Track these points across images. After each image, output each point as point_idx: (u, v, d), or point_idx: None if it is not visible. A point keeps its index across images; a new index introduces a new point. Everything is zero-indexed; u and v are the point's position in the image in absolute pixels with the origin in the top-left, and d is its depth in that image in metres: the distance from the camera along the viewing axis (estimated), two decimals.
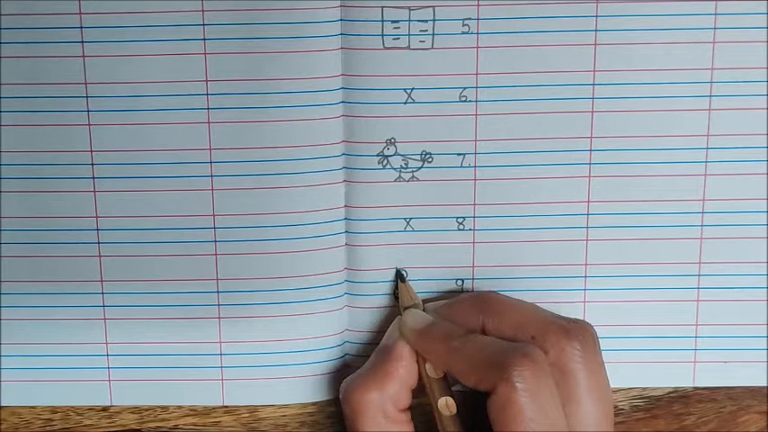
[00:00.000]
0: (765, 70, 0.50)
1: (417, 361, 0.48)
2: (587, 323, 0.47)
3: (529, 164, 0.50)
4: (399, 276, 0.51)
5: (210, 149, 0.50)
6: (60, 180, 0.50)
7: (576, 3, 0.49)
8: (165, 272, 0.51)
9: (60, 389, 0.52)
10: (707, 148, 0.51)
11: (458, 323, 0.48)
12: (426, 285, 0.52)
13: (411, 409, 0.48)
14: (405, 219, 0.51)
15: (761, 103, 0.50)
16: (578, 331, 0.46)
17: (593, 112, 0.50)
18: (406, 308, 0.50)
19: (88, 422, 0.53)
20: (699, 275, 0.52)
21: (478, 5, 0.49)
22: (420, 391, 0.48)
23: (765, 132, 0.51)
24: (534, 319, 0.47)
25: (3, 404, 0.52)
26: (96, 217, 0.51)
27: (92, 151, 0.50)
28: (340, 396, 0.48)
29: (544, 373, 0.44)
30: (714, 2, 0.49)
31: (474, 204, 0.51)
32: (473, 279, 0.52)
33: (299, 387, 0.52)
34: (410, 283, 0.51)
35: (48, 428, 0.53)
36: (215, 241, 0.51)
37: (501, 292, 0.50)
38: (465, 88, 0.50)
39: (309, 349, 0.52)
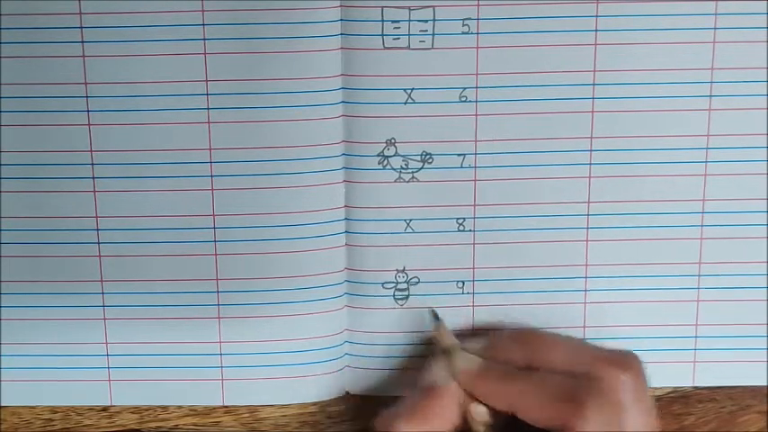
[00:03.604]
0: (765, 70, 0.50)
1: (463, 404, 0.47)
2: (635, 354, 0.47)
3: (529, 164, 0.50)
4: (435, 316, 0.50)
5: (210, 149, 0.50)
6: (60, 180, 0.50)
7: (575, 3, 0.49)
8: (164, 272, 0.51)
9: (60, 389, 0.52)
10: (707, 148, 0.51)
11: (504, 363, 0.47)
12: (427, 287, 0.52)
13: None
14: (405, 220, 0.51)
15: (761, 103, 0.50)
16: (629, 363, 0.46)
17: (593, 112, 0.50)
18: (445, 348, 0.49)
19: (88, 422, 0.53)
20: (699, 275, 0.52)
21: (478, 5, 0.49)
22: None
23: (765, 132, 0.51)
24: (584, 353, 0.47)
25: (3, 404, 0.52)
26: (96, 217, 0.51)
27: (92, 151, 0.50)
28: (376, 425, 0.47)
29: (614, 409, 0.45)
30: (714, 2, 0.49)
31: (474, 205, 0.51)
32: (474, 281, 0.52)
33: (300, 387, 0.52)
34: (410, 283, 0.51)
35: (48, 428, 0.53)
36: (215, 241, 0.51)
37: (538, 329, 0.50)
38: (465, 88, 0.50)
39: (309, 349, 0.52)
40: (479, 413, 0.47)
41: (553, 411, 0.45)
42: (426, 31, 0.49)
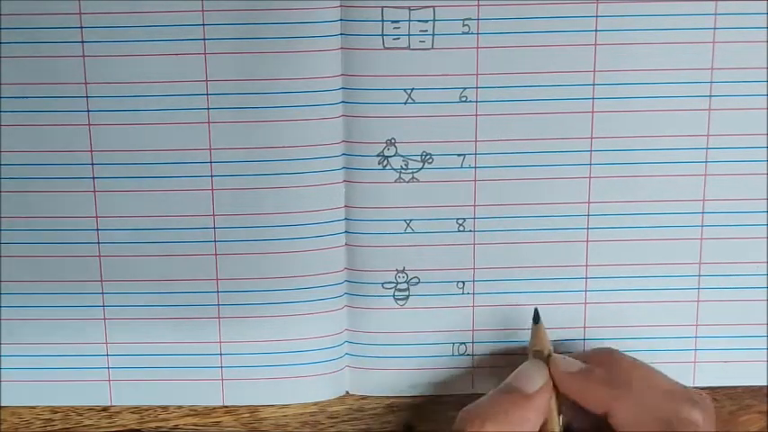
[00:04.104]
0: (765, 70, 0.50)
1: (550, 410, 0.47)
2: (708, 398, 0.47)
3: (529, 164, 0.50)
4: (536, 318, 0.49)
5: (210, 149, 0.50)
6: (60, 180, 0.50)
7: (575, 3, 0.49)
8: (164, 272, 0.51)
9: (60, 389, 0.52)
10: (707, 148, 0.51)
11: (583, 397, 0.47)
12: (427, 287, 0.52)
13: None
14: (405, 220, 0.51)
15: (761, 103, 0.50)
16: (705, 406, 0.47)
17: (593, 112, 0.50)
18: (541, 351, 0.48)
19: (88, 422, 0.53)
20: (699, 275, 0.52)
21: (478, 5, 0.49)
22: None
23: (765, 132, 0.51)
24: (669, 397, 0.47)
25: (3, 404, 0.52)
26: (96, 217, 0.51)
27: (92, 151, 0.50)
28: (461, 424, 0.46)
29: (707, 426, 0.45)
30: (714, 2, 0.49)
31: (474, 205, 0.51)
32: (474, 280, 0.52)
33: (300, 387, 0.52)
34: (410, 283, 0.51)
35: (48, 428, 0.53)
36: (215, 241, 0.51)
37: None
38: (465, 88, 0.50)
39: (309, 349, 0.52)
40: None
41: (649, 418, 0.45)
42: (426, 31, 0.49)
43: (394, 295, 0.52)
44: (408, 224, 0.51)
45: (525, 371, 0.47)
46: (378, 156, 0.50)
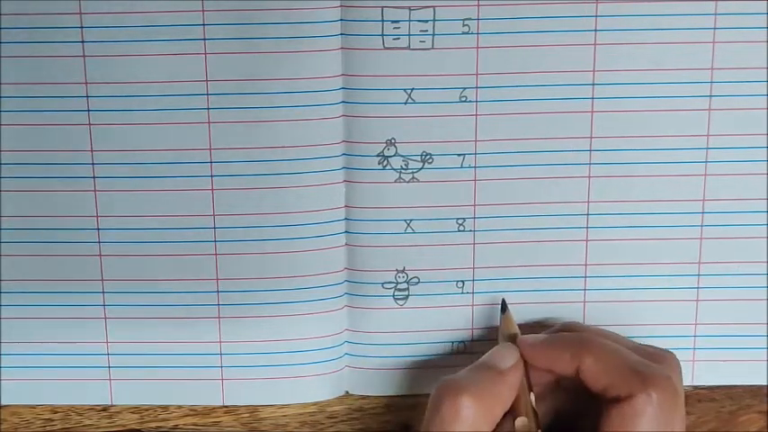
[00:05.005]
0: (765, 70, 0.50)
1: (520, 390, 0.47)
2: (670, 366, 0.47)
3: (529, 164, 0.51)
4: (503, 307, 0.51)
5: (210, 149, 0.50)
6: (60, 180, 0.50)
7: (575, 3, 0.49)
8: (165, 271, 0.51)
9: (60, 388, 0.52)
10: (707, 148, 0.51)
11: (552, 362, 0.47)
12: (427, 287, 0.52)
13: None
14: (405, 220, 0.51)
15: (761, 103, 0.50)
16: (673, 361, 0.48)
17: (592, 112, 0.50)
18: (510, 335, 0.49)
19: (88, 422, 0.53)
20: (699, 275, 0.52)
21: (478, 5, 0.49)
22: None
23: (765, 132, 0.51)
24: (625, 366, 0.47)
25: (3, 404, 0.53)
26: (96, 217, 0.51)
27: (92, 151, 0.50)
28: (438, 396, 0.46)
29: (675, 400, 0.45)
30: (714, 2, 0.49)
31: (474, 205, 0.51)
32: (473, 280, 0.52)
33: (300, 387, 0.52)
34: (410, 283, 0.51)
35: (48, 428, 0.53)
36: (215, 241, 0.51)
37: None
38: (465, 88, 0.50)
39: (309, 349, 0.52)
40: (521, 424, 0.47)
41: (618, 380, 0.45)
42: (426, 31, 0.49)
43: (394, 295, 0.52)
44: (408, 224, 0.51)
45: (498, 350, 0.48)
46: (378, 156, 0.50)
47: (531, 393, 0.47)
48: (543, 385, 0.48)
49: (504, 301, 0.51)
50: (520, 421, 0.47)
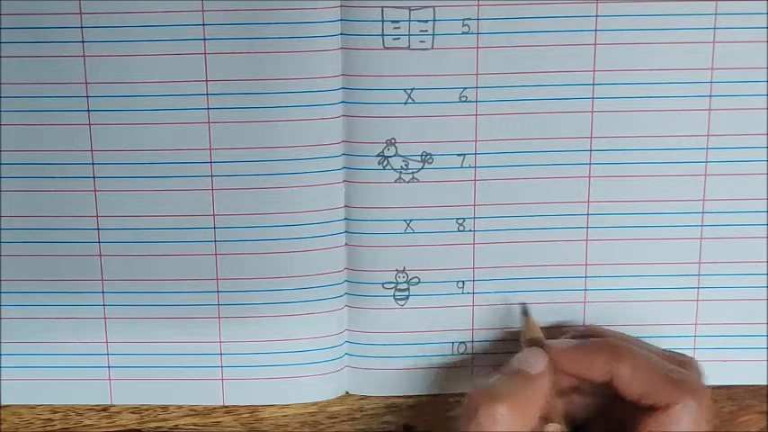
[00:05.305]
0: (765, 70, 0.50)
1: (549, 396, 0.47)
2: (697, 372, 0.48)
3: (529, 164, 0.51)
4: (524, 312, 0.51)
5: (210, 149, 0.50)
6: (60, 180, 0.50)
7: (575, 3, 0.49)
8: (165, 272, 0.51)
9: (60, 388, 0.52)
10: (707, 148, 0.51)
11: (585, 368, 0.48)
12: (427, 287, 0.52)
13: None
14: (405, 220, 0.51)
15: (761, 103, 0.50)
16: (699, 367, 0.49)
17: (593, 112, 0.50)
18: (534, 340, 0.48)
19: (88, 422, 0.53)
20: (699, 275, 0.52)
21: (478, 5, 0.49)
22: None
23: (765, 132, 0.51)
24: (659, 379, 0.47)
25: (3, 404, 0.52)
26: (97, 216, 0.51)
27: (92, 151, 0.50)
28: (472, 405, 0.46)
29: (709, 407, 0.47)
30: (714, 2, 0.49)
31: (474, 205, 0.51)
32: (473, 280, 0.52)
33: (300, 387, 0.52)
34: (410, 283, 0.51)
35: (48, 428, 0.53)
36: (215, 241, 0.51)
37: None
38: (465, 88, 0.50)
39: (310, 349, 0.52)
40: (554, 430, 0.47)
41: (655, 388, 0.46)
42: (426, 31, 0.49)
43: (394, 295, 0.52)
44: (408, 224, 0.51)
45: (527, 355, 0.48)
46: (378, 156, 0.50)
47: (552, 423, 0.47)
48: (559, 389, 0.48)
49: (524, 305, 0.51)
50: (552, 427, 0.47)
